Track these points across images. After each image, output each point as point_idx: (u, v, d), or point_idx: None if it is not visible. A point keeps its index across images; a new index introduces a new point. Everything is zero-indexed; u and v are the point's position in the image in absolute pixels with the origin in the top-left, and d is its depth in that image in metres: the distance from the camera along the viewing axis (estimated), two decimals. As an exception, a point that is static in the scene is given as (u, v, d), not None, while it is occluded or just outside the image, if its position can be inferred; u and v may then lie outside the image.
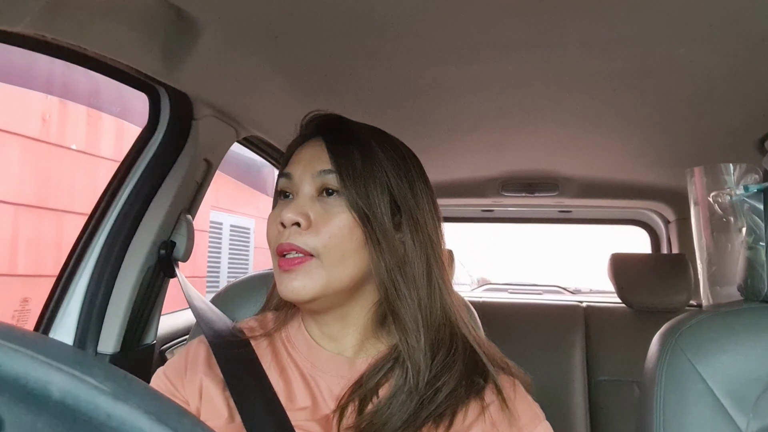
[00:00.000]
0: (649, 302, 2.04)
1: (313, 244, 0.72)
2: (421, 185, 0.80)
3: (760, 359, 0.85)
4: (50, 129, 4.17)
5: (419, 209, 0.77)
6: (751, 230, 0.89)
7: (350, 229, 0.72)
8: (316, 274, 0.72)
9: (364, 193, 0.73)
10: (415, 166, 0.81)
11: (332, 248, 0.72)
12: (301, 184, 0.76)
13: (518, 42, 1.04)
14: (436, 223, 0.79)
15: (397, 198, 0.75)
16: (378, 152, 0.76)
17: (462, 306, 0.81)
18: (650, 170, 2.02)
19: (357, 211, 0.72)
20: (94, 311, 1.17)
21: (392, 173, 0.76)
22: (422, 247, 0.76)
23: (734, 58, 1.07)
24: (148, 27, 0.93)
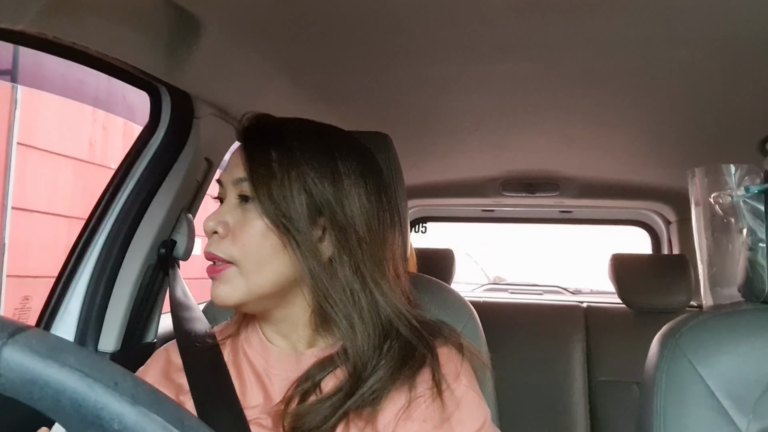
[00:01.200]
0: (650, 303, 2.04)
1: (230, 252, 0.73)
2: (352, 182, 0.77)
3: (760, 360, 0.85)
4: (95, 151, 5.04)
5: (345, 209, 0.75)
6: (752, 231, 0.89)
7: (264, 236, 0.73)
8: (236, 282, 0.74)
9: (279, 199, 0.73)
10: (349, 161, 0.78)
11: (248, 255, 0.73)
12: (227, 191, 0.77)
13: (519, 42, 1.04)
14: (371, 220, 0.77)
15: (317, 199, 0.74)
16: (297, 154, 0.75)
17: (403, 299, 0.79)
18: (651, 171, 2.02)
19: (270, 218, 0.73)
20: (95, 309, 1.17)
21: (313, 174, 0.74)
22: (348, 247, 0.74)
23: (735, 59, 1.07)
24: (149, 26, 0.93)
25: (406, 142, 1.40)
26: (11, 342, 0.37)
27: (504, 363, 1.97)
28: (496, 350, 1.02)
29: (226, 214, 0.75)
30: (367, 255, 0.75)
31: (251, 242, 0.73)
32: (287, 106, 1.37)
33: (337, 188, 0.75)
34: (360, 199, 0.76)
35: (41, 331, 0.38)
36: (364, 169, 0.79)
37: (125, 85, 1.11)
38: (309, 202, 0.73)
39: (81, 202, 4.41)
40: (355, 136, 0.85)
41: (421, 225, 2.80)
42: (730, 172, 0.92)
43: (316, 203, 0.74)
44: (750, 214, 0.90)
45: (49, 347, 0.37)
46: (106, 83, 5.08)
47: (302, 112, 0.84)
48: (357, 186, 0.76)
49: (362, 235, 0.75)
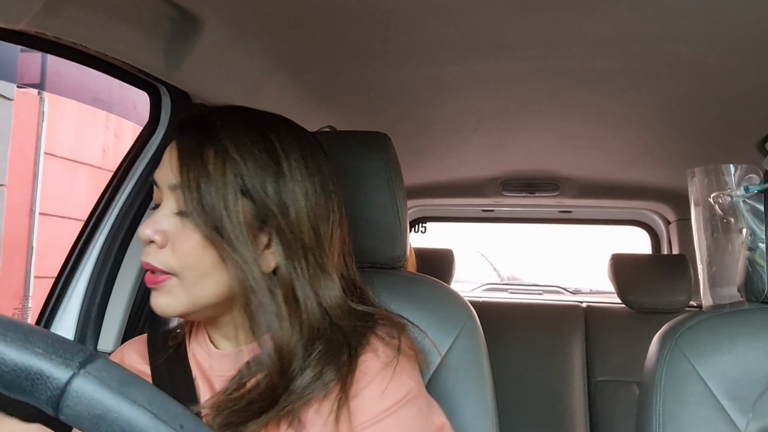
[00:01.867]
0: (649, 303, 2.04)
1: (169, 264, 0.68)
2: (297, 182, 0.71)
3: (760, 360, 0.85)
4: (108, 157, 5.26)
5: (290, 215, 0.70)
6: (752, 231, 0.89)
7: (204, 248, 0.68)
8: (177, 293, 0.69)
9: (214, 211, 0.67)
10: (293, 156, 0.72)
11: (189, 268, 0.68)
12: (162, 194, 0.71)
13: (519, 41, 1.04)
14: (319, 223, 0.72)
15: (259, 207, 0.69)
16: (234, 156, 0.69)
17: (344, 301, 0.74)
18: (651, 170, 2.02)
19: (205, 233, 0.67)
20: (94, 309, 1.17)
21: (253, 178, 0.68)
22: (295, 257, 0.70)
23: (735, 58, 1.07)
24: (148, 25, 0.93)
25: (405, 141, 1.40)
26: (83, 374, 0.36)
27: (503, 363, 1.98)
28: (496, 350, 1.02)
29: (163, 221, 0.69)
30: (313, 262, 0.71)
31: (190, 254, 0.68)
32: (286, 106, 1.37)
33: (280, 192, 0.69)
34: (307, 201, 0.71)
35: (109, 362, 0.38)
36: (309, 163, 0.73)
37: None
38: (249, 212, 0.68)
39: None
40: (296, 124, 0.78)
41: (420, 225, 2.80)
42: (729, 172, 0.92)
43: (257, 212, 0.69)
44: (750, 214, 0.90)
45: (119, 381, 0.36)
46: (120, 89, 5.20)
47: (301, 111, 0.84)
48: (302, 186, 0.71)
49: (309, 243, 0.71)
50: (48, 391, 0.35)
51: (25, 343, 0.36)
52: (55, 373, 0.36)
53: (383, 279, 0.98)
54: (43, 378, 0.35)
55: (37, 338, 0.37)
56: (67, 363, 0.36)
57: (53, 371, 0.36)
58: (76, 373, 0.36)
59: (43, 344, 0.36)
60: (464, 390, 0.91)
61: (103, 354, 0.39)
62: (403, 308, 0.94)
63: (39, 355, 0.36)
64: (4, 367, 0.35)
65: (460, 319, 0.94)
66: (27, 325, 0.38)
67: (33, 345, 0.36)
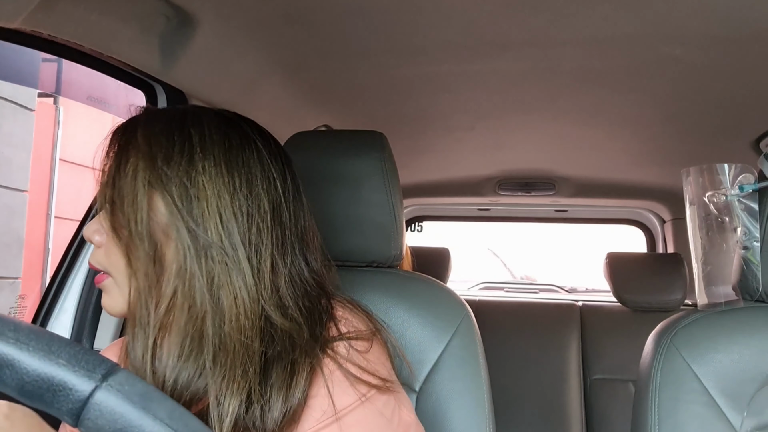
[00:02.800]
0: (645, 301, 2.04)
1: (103, 263, 0.68)
2: (210, 177, 0.66)
3: (754, 358, 0.85)
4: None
5: (193, 206, 0.65)
6: (746, 230, 0.89)
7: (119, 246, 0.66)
8: (114, 293, 0.68)
9: (120, 207, 0.65)
10: (214, 152, 0.68)
11: (115, 267, 0.67)
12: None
13: (515, 41, 1.05)
14: (244, 237, 0.66)
15: (168, 203, 0.66)
16: (144, 150, 0.66)
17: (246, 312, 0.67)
18: (646, 170, 2.02)
19: (108, 229, 0.67)
20: (91, 308, 1.17)
21: (159, 171, 0.65)
22: (198, 251, 0.65)
23: (729, 58, 1.07)
24: (144, 23, 0.93)
25: (401, 140, 1.40)
26: (105, 386, 0.36)
27: (499, 361, 1.98)
28: (492, 348, 1.03)
29: (102, 221, 0.68)
30: (220, 261, 0.65)
31: (114, 253, 0.66)
32: (282, 104, 1.37)
33: (187, 188, 0.65)
34: (219, 198, 0.66)
35: (131, 375, 0.37)
36: (231, 159, 0.68)
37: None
38: (162, 208, 0.65)
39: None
40: (215, 111, 0.74)
41: (417, 224, 2.80)
42: (724, 171, 0.93)
43: (167, 207, 0.65)
44: (744, 213, 0.90)
45: (141, 395, 0.36)
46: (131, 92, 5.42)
47: (297, 111, 0.84)
48: (215, 182, 0.66)
49: (215, 241, 0.65)
50: (70, 403, 0.35)
51: (48, 354, 0.36)
52: (78, 385, 0.35)
53: (379, 278, 0.98)
54: (66, 390, 0.35)
55: (60, 348, 0.36)
56: (90, 375, 0.36)
57: (76, 383, 0.35)
58: (99, 386, 0.36)
59: (66, 355, 0.36)
60: (460, 388, 0.91)
61: (123, 369, 0.38)
62: (399, 307, 0.94)
63: (62, 366, 0.36)
64: (26, 377, 0.35)
65: (456, 318, 0.94)
66: (49, 334, 0.37)
67: (56, 355, 0.36)
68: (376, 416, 0.66)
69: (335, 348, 0.68)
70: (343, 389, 0.65)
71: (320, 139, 1.08)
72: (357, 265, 1.00)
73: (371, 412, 0.66)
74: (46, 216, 5.46)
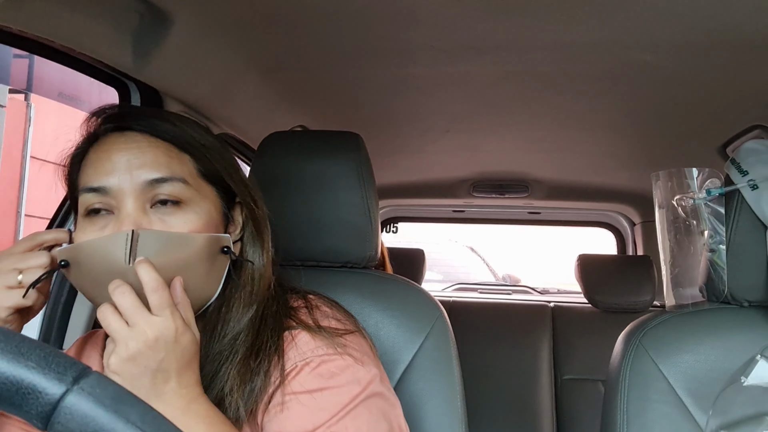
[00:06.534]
0: (615, 302, 2.08)
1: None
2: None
3: (719, 359, 0.87)
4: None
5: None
6: (713, 233, 0.91)
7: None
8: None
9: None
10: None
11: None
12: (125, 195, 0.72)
13: (490, 44, 1.06)
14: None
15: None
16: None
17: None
18: (617, 173, 2.06)
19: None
20: (60, 308, 1.15)
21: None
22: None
23: (697, 66, 1.09)
24: (117, 20, 0.92)
25: (377, 141, 1.40)
26: (76, 389, 0.35)
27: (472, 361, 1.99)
28: (465, 349, 1.03)
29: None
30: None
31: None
32: (258, 104, 1.36)
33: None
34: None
35: (103, 377, 0.37)
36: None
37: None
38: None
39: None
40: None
41: (391, 225, 2.81)
42: (692, 176, 0.95)
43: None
44: (711, 217, 0.92)
45: (113, 398, 0.36)
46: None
47: (273, 111, 0.84)
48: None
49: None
50: (39, 406, 0.34)
51: (17, 356, 0.35)
52: (48, 388, 0.34)
53: (354, 278, 0.99)
54: (35, 393, 0.34)
55: (29, 350, 0.35)
56: (60, 378, 0.35)
57: (46, 386, 0.34)
58: (70, 389, 0.35)
59: (36, 357, 0.35)
60: (434, 388, 0.91)
61: (95, 371, 0.37)
62: (373, 307, 0.95)
63: (31, 368, 0.35)
64: None
65: (430, 319, 0.95)
66: (19, 336, 0.37)
67: (25, 357, 0.35)
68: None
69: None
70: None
71: (296, 139, 1.08)
72: (332, 266, 1.00)
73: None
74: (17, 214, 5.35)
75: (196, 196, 0.69)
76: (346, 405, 0.66)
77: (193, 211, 0.68)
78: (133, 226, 0.64)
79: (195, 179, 0.70)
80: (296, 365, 0.67)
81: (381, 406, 0.70)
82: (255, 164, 1.02)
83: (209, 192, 0.71)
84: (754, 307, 0.91)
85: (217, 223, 0.71)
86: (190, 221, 0.67)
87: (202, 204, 0.70)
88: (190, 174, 0.70)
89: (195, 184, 0.70)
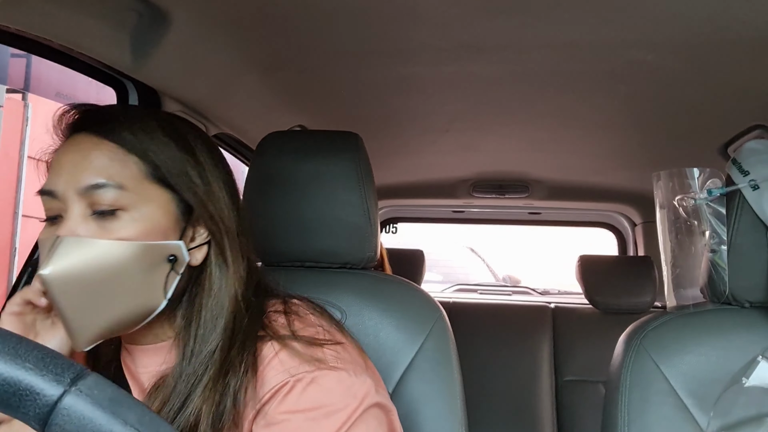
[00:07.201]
0: (616, 303, 2.07)
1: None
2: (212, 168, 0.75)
3: (721, 360, 0.87)
4: None
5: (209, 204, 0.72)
6: (714, 234, 0.91)
7: None
8: None
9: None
10: (203, 148, 0.75)
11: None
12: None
13: (490, 44, 1.05)
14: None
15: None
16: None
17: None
18: (618, 173, 2.05)
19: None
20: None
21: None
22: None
23: (700, 64, 1.09)
24: (115, 19, 0.92)
25: (376, 142, 1.40)
26: (74, 391, 0.35)
27: (473, 363, 1.99)
28: (465, 350, 1.03)
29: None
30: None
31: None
32: (256, 104, 1.36)
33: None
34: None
35: (101, 379, 0.37)
36: (214, 155, 0.76)
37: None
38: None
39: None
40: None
41: (391, 225, 2.80)
42: (693, 176, 0.94)
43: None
44: (712, 217, 0.92)
45: (110, 399, 0.36)
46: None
47: (272, 110, 0.83)
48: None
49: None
50: (37, 408, 0.34)
51: (14, 357, 0.35)
52: (46, 390, 0.35)
53: (353, 279, 0.98)
54: (33, 394, 0.34)
55: (27, 352, 0.36)
56: (58, 379, 0.35)
57: (44, 387, 0.35)
58: (68, 391, 0.35)
59: (34, 359, 0.35)
60: (433, 390, 0.91)
61: (93, 373, 0.37)
62: (372, 309, 0.94)
63: (29, 370, 0.35)
64: None
65: (430, 320, 0.94)
66: (17, 337, 0.37)
67: (23, 359, 0.35)
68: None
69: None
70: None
71: (294, 139, 1.08)
72: (330, 266, 1.00)
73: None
74: (13, 215, 5.38)
75: (138, 202, 0.66)
76: (344, 422, 0.64)
77: (132, 217, 0.66)
78: (67, 232, 0.64)
79: (139, 183, 0.67)
80: (287, 381, 0.64)
81: (378, 416, 0.68)
82: (253, 164, 1.01)
83: (158, 196, 0.68)
84: (755, 308, 0.91)
85: (165, 228, 0.67)
86: (127, 228, 0.65)
87: (145, 209, 0.66)
88: (133, 177, 0.67)
89: (137, 188, 0.66)
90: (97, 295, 0.64)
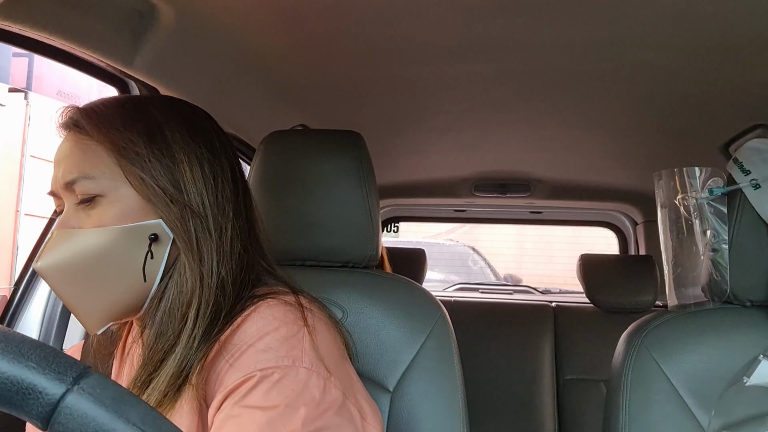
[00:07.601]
0: (617, 302, 2.07)
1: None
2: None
3: (722, 359, 0.87)
4: None
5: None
6: (716, 233, 0.91)
7: None
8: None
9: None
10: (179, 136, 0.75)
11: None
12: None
13: (491, 43, 1.05)
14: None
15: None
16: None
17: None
18: (619, 172, 2.05)
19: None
20: (59, 308, 1.15)
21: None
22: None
23: (701, 64, 1.09)
24: (118, 18, 0.92)
25: (378, 141, 1.40)
26: (77, 390, 0.35)
27: (474, 361, 1.99)
28: (467, 349, 1.03)
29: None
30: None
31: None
32: (258, 103, 1.36)
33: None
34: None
35: (104, 378, 0.37)
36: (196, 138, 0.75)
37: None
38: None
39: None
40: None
41: (393, 225, 2.81)
42: (695, 175, 0.94)
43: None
44: (714, 216, 0.92)
45: (113, 398, 0.36)
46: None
47: (273, 110, 0.83)
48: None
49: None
50: (39, 407, 0.34)
51: (17, 356, 0.35)
52: (49, 389, 0.35)
53: (355, 278, 0.98)
54: (35, 393, 0.34)
55: (30, 350, 0.36)
56: (61, 378, 0.35)
57: (46, 386, 0.35)
58: (70, 389, 0.35)
59: (37, 357, 0.35)
60: (435, 388, 0.91)
61: (95, 372, 0.37)
62: (374, 307, 0.94)
63: (32, 368, 0.35)
64: None
65: (431, 319, 0.95)
66: (19, 336, 0.37)
67: (26, 358, 0.35)
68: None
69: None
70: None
71: (296, 138, 1.08)
72: (332, 265, 1.00)
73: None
74: (16, 213, 5.41)
75: (114, 187, 0.68)
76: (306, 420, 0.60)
77: (108, 201, 0.68)
78: (60, 225, 0.68)
79: (112, 168, 0.68)
80: (253, 375, 0.62)
81: (344, 415, 0.64)
82: (255, 163, 1.01)
83: (133, 178, 0.69)
84: (757, 307, 0.91)
85: (143, 207, 0.68)
86: (105, 211, 0.68)
87: (120, 192, 0.68)
88: (106, 166, 0.68)
89: (112, 174, 0.68)
90: (90, 280, 0.67)
